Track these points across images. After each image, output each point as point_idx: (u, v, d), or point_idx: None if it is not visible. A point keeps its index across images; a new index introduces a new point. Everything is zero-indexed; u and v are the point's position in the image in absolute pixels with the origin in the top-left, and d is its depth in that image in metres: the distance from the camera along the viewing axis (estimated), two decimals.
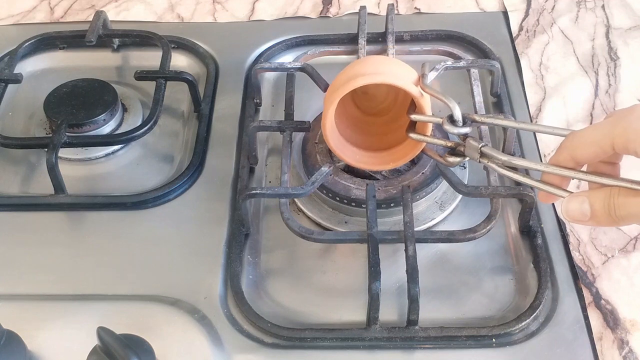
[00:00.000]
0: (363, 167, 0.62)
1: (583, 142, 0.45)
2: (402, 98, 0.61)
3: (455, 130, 0.52)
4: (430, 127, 0.57)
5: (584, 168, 0.47)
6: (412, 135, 0.57)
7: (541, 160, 0.67)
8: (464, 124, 0.52)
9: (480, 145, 0.51)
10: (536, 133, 0.69)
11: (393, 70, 0.57)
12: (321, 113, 0.68)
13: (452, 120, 0.52)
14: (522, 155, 0.67)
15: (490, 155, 0.51)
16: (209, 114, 0.73)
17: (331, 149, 0.60)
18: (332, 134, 0.59)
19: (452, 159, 0.55)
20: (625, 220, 0.44)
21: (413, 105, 0.57)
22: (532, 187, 0.50)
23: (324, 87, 0.67)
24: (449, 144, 0.55)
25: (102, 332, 0.48)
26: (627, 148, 0.42)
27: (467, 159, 0.54)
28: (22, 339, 0.52)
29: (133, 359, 0.47)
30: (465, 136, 0.53)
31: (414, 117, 0.56)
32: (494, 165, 0.51)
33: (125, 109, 0.74)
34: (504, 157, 0.50)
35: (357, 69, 0.57)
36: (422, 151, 0.59)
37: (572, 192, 0.46)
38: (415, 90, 0.55)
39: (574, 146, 0.45)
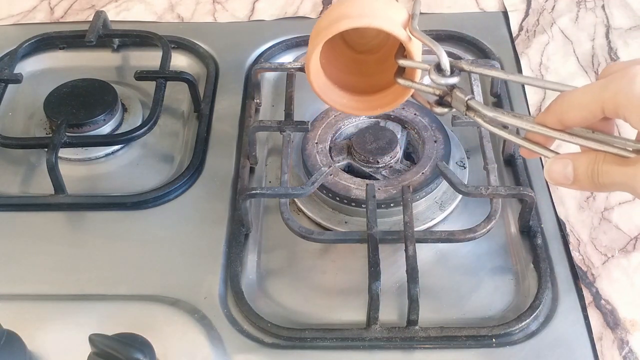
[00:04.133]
0: (349, 111, 0.59)
1: (571, 106, 0.42)
2: (394, 36, 0.56)
3: (442, 80, 0.49)
4: (419, 72, 0.54)
5: None
6: (399, 80, 0.54)
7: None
8: (452, 73, 0.49)
9: (467, 98, 0.48)
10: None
11: (381, 11, 0.52)
12: (321, 113, 0.69)
13: (439, 68, 0.49)
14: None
15: (476, 109, 0.48)
16: (209, 114, 0.73)
17: (315, 92, 0.56)
18: (317, 77, 0.56)
19: (439, 109, 0.52)
20: (607, 188, 0.42)
21: (403, 48, 0.53)
22: (518, 144, 0.48)
23: None
24: (437, 92, 0.51)
25: (98, 338, 0.48)
26: (616, 113, 0.40)
27: (454, 110, 0.51)
28: (22, 339, 0.52)
29: (137, 354, 0.47)
30: (452, 87, 0.50)
31: (401, 62, 0.53)
32: (479, 120, 0.48)
33: (125, 109, 0.74)
34: (490, 113, 0.47)
35: (342, 10, 0.53)
36: (412, 96, 0.56)
37: (557, 153, 0.45)
38: (402, 34, 0.51)
39: (562, 110, 0.43)
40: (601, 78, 0.43)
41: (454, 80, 0.49)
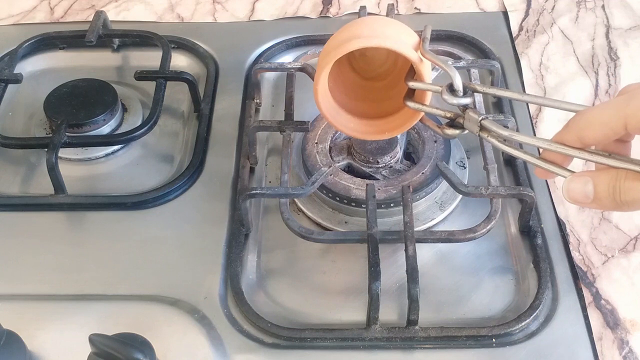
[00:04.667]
0: (357, 135, 0.59)
1: (592, 122, 0.41)
2: (402, 62, 0.57)
3: (455, 100, 0.49)
4: (429, 95, 0.54)
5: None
6: (409, 103, 0.54)
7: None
8: (465, 94, 0.49)
9: (480, 118, 0.48)
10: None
11: (392, 32, 0.52)
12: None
13: (451, 89, 0.49)
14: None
15: (491, 129, 0.47)
16: (209, 114, 0.73)
17: (323, 115, 0.56)
18: (325, 100, 0.56)
19: (450, 131, 0.51)
20: (629, 206, 0.41)
21: (412, 71, 0.54)
22: (533, 164, 0.47)
23: None
24: (448, 115, 0.51)
25: (98, 338, 0.48)
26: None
27: (466, 131, 0.50)
28: (22, 339, 0.52)
29: (137, 354, 0.47)
30: (465, 107, 0.49)
31: (411, 84, 0.53)
32: (493, 140, 0.48)
33: (125, 109, 0.74)
34: (505, 132, 0.46)
35: (352, 31, 0.52)
36: (420, 121, 0.56)
37: (574, 172, 0.44)
38: (414, 56, 0.51)
39: (582, 127, 0.42)
40: (619, 96, 0.42)
41: (467, 100, 0.49)
